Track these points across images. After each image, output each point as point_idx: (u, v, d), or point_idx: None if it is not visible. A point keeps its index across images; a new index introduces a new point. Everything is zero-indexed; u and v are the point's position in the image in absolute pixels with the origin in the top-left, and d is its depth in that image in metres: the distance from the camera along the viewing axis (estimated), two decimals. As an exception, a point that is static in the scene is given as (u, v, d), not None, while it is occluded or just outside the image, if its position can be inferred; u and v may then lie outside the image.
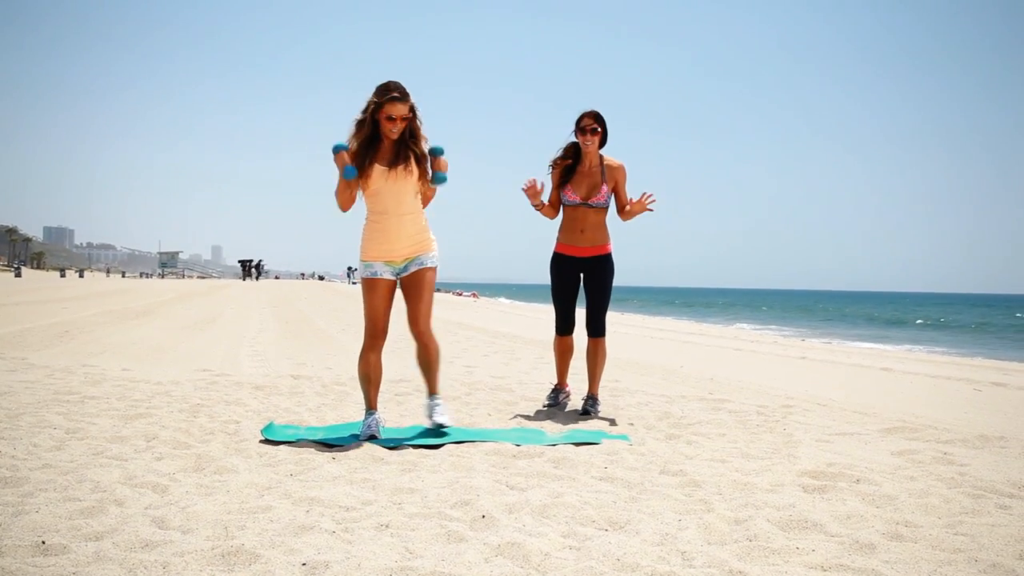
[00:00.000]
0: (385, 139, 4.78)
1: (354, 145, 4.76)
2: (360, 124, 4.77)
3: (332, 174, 4.80)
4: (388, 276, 4.87)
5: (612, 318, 23.71)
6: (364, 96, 4.77)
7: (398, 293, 5.00)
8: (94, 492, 3.38)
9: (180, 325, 14.71)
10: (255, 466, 3.96)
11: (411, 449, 4.47)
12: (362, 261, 4.90)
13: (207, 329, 14.08)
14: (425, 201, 5.03)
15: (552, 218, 6.00)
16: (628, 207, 5.82)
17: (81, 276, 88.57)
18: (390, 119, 4.72)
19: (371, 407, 4.91)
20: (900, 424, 5.63)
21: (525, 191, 5.76)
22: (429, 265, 4.93)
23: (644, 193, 5.78)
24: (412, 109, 4.79)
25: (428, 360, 4.97)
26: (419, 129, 4.84)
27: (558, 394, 6.22)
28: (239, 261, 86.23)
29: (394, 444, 4.55)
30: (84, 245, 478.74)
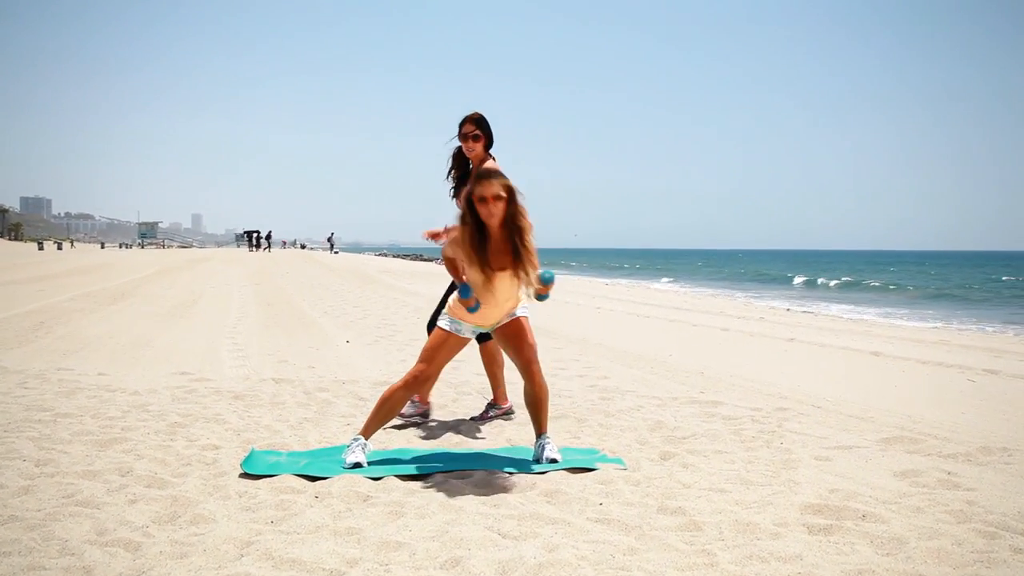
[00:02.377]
0: (492, 237, 4.54)
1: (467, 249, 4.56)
2: (461, 219, 4.58)
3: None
4: (468, 335, 4.79)
5: (601, 291, 23.49)
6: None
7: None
8: (61, 555, 3.17)
9: (158, 311, 14.43)
10: (233, 511, 3.76)
11: (397, 481, 4.28)
12: (449, 316, 4.76)
13: (186, 315, 13.82)
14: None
15: None
16: None
17: (59, 248, 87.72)
18: (481, 201, 4.45)
19: (364, 434, 4.71)
20: (898, 433, 5.50)
21: (431, 238, 5.63)
22: (522, 315, 4.80)
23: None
24: (508, 185, 4.52)
25: (538, 398, 4.78)
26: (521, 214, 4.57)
27: (489, 409, 6.09)
28: (244, 232, 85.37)
29: (379, 476, 4.36)
30: (62, 215, 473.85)
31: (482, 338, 5.85)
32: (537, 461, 4.65)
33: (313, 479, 4.31)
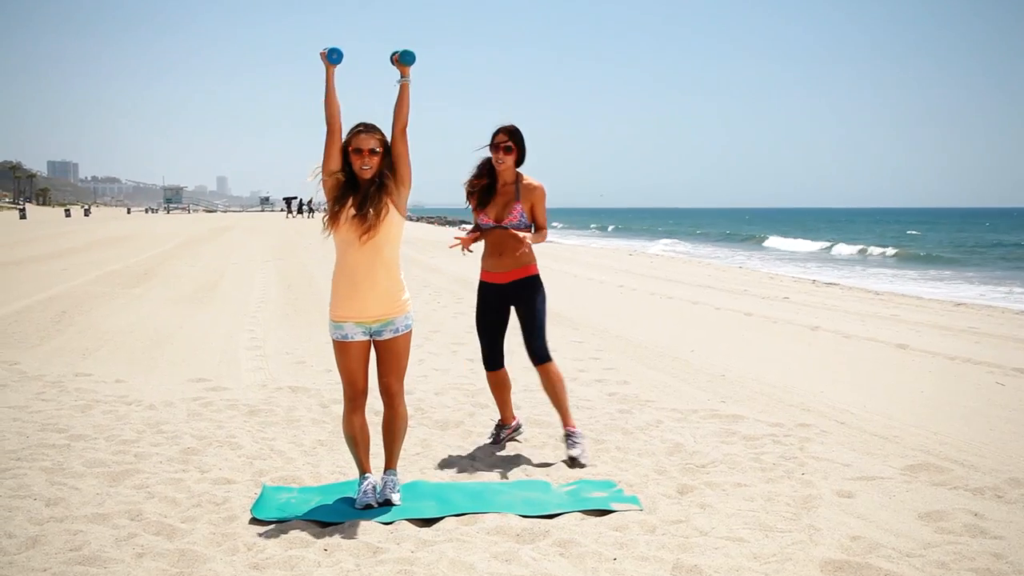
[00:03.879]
0: (361, 185, 4.45)
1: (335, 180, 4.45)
2: (330, 152, 4.46)
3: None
4: (361, 337, 4.53)
5: (624, 263, 23.32)
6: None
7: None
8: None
9: (179, 295, 14.46)
10: (241, 569, 3.70)
11: (409, 527, 4.22)
12: (332, 321, 4.57)
13: (207, 300, 13.84)
14: (403, 116, 4.55)
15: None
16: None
17: (87, 214, 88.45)
18: (357, 152, 4.41)
19: (364, 471, 4.65)
20: (923, 458, 5.36)
21: (460, 247, 5.43)
22: (406, 331, 4.60)
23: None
24: (383, 143, 4.48)
25: (395, 428, 4.66)
26: (393, 174, 4.51)
27: (500, 431, 5.83)
28: (284, 199, 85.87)
29: (390, 520, 4.30)
30: (89, 179, 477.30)
31: (491, 365, 5.68)
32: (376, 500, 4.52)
33: (324, 525, 4.26)
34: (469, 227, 5.80)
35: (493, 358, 5.69)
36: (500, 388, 5.78)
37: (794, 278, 23.86)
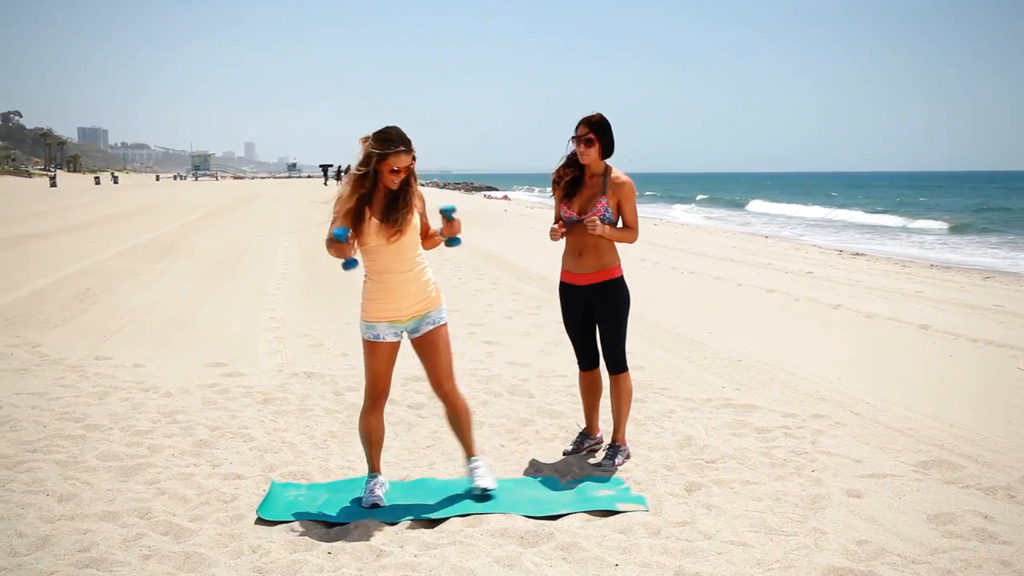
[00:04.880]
0: (380, 191, 4.43)
1: (351, 202, 4.41)
2: (362, 178, 4.40)
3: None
4: (392, 338, 4.56)
5: (649, 235, 23.00)
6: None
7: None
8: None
9: (202, 271, 14.56)
10: (245, 573, 3.74)
11: (414, 528, 4.24)
12: (363, 321, 4.58)
13: (229, 278, 13.91)
14: (428, 246, 4.69)
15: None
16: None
17: (116, 181, 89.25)
18: (394, 171, 4.38)
19: (373, 469, 4.68)
20: (937, 454, 5.31)
21: (553, 238, 5.23)
22: (442, 323, 4.62)
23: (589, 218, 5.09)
24: (414, 156, 4.45)
25: (459, 421, 4.71)
26: (415, 176, 4.51)
27: (584, 440, 5.53)
28: (320, 166, 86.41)
29: (395, 519, 4.32)
30: (119, 145, 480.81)
31: (583, 365, 5.46)
32: (469, 491, 4.62)
33: (330, 525, 4.29)
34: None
35: (584, 358, 5.44)
36: (591, 391, 5.48)
37: (821, 249, 23.65)
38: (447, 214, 4.56)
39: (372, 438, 4.64)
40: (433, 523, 4.34)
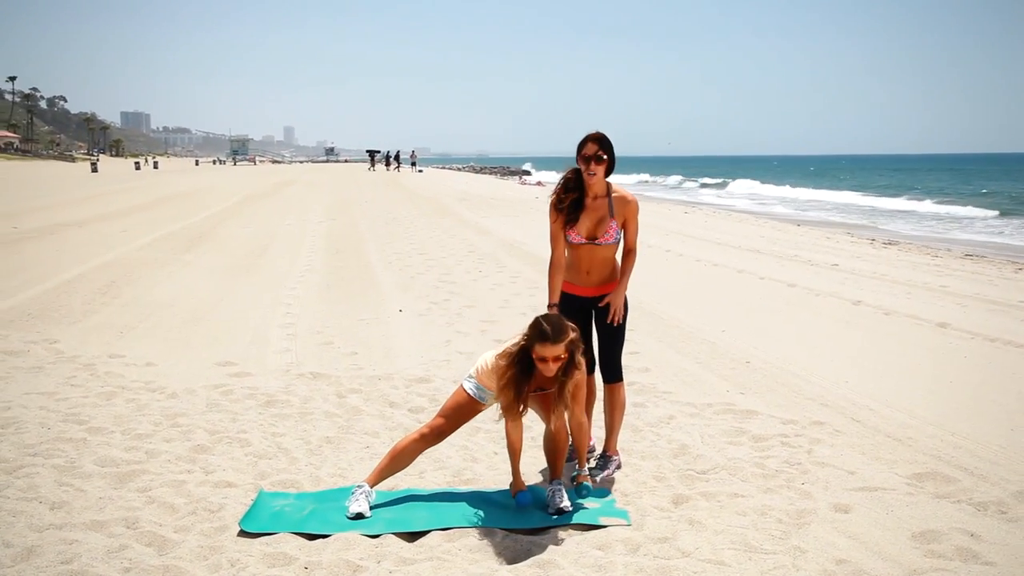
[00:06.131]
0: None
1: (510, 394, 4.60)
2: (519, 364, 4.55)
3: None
4: (489, 403, 4.83)
5: (677, 223, 22.95)
6: None
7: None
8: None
9: (226, 264, 14.69)
10: (219, 591, 3.80)
11: (394, 542, 4.27)
12: (477, 381, 4.80)
13: (252, 271, 14.03)
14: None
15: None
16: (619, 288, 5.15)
17: (155, 167, 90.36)
18: (542, 360, 4.46)
19: (366, 481, 4.73)
20: (933, 465, 5.23)
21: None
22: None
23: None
24: (569, 345, 4.47)
25: (555, 444, 4.85)
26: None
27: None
28: (367, 151, 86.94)
29: (377, 532, 4.35)
30: (160, 129, 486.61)
31: (608, 378, 5.35)
32: (547, 509, 4.61)
33: (311, 537, 4.32)
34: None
35: None
36: (613, 407, 5.35)
37: (852, 238, 23.35)
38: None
39: (395, 465, 4.83)
40: (414, 536, 4.36)
